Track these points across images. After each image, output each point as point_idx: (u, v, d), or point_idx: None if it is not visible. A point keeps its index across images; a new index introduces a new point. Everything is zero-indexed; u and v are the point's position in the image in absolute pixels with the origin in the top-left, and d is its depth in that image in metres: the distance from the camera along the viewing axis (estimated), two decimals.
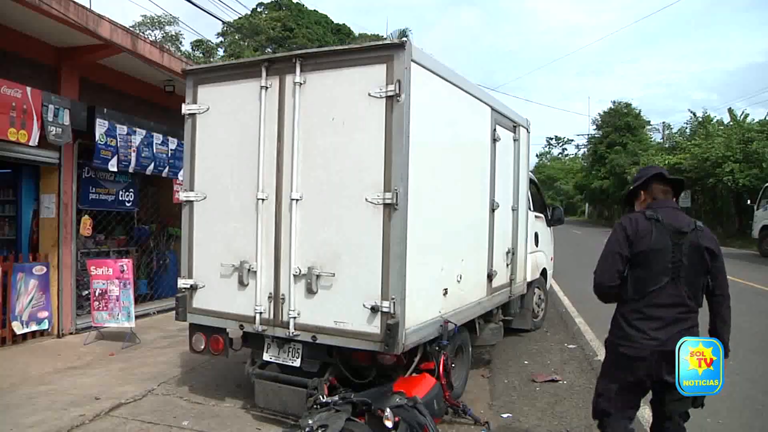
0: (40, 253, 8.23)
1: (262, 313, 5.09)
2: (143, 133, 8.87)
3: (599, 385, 3.78)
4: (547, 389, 6.39)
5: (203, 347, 5.56)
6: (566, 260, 6.46)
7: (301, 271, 4.89)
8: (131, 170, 8.82)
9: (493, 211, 6.53)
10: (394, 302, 4.52)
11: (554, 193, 68.94)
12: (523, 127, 7.70)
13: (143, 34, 23.90)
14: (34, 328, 7.87)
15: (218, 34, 47.33)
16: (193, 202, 5.51)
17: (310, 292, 4.87)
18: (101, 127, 8.12)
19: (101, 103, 8.39)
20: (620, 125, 49.98)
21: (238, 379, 6.26)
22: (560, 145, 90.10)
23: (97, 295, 7.97)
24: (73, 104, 7.76)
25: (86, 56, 8.41)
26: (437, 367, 5.11)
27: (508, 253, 7.18)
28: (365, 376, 5.23)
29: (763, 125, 29.08)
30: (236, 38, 46.17)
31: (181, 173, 7.74)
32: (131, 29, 9.44)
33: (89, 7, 7.77)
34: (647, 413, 5.65)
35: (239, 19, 39.82)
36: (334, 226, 4.82)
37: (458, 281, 5.61)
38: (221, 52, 46.27)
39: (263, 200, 5.09)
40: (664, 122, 49.68)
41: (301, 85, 4.95)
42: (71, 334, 8.30)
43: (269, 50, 43.29)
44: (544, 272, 9.67)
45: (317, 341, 4.86)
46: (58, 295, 8.18)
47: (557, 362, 7.47)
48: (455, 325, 5.29)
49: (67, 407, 5.46)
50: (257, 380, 5.33)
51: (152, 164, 9.07)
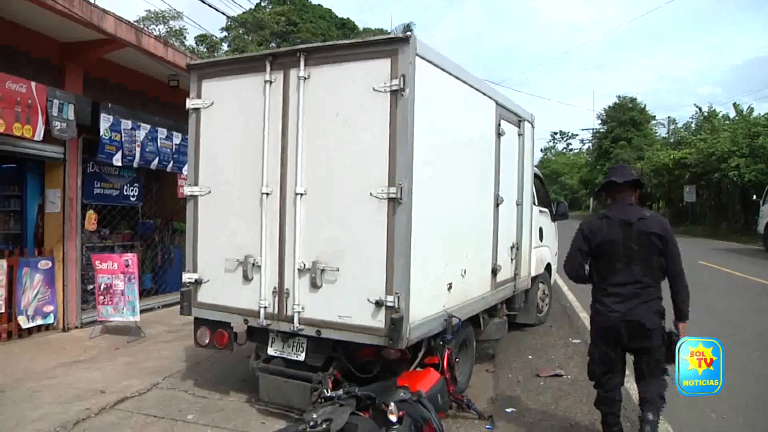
0: (45, 247, 8.27)
1: (266, 307, 5.10)
2: (148, 127, 8.88)
3: (589, 351, 4.74)
4: (551, 384, 6.39)
5: (208, 341, 5.58)
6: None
7: (305, 265, 4.90)
8: (136, 165, 8.83)
9: (497, 205, 6.52)
10: (398, 297, 4.52)
11: (559, 187, 68.78)
12: (527, 121, 7.69)
13: (147, 28, 23.87)
14: (39, 322, 7.91)
15: (222, 28, 47.28)
16: (197, 196, 5.52)
17: (314, 286, 4.87)
18: (106, 122, 8.12)
19: (105, 98, 8.40)
20: (625, 120, 49.94)
21: (242, 373, 6.27)
22: (565, 139, 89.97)
23: (102, 289, 7.99)
24: (77, 99, 7.76)
25: (90, 51, 8.43)
26: (441, 361, 5.11)
27: (512, 247, 7.18)
28: (369, 370, 5.23)
29: None
30: (240, 33, 46.15)
31: (185, 168, 7.75)
32: (135, 24, 9.45)
33: (93, 2, 7.78)
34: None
35: (243, 13, 39.83)
36: (338, 220, 4.82)
37: (462, 276, 5.60)
38: (225, 46, 46.23)
39: (267, 195, 5.10)
40: (669, 117, 49.44)
41: (305, 79, 4.94)
42: (76, 328, 8.34)
43: (273, 45, 43.27)
44: (548, 267, 9.67)
45: (322, 336, 4.88)
46: (63, 289, 8.21)
47: (561, 357, 7.47)
48: (459, 319, 5.29)
49: (72, 401, 5.49)
50: (262, 374, 5.34)
51: (157, 159, 9.08)
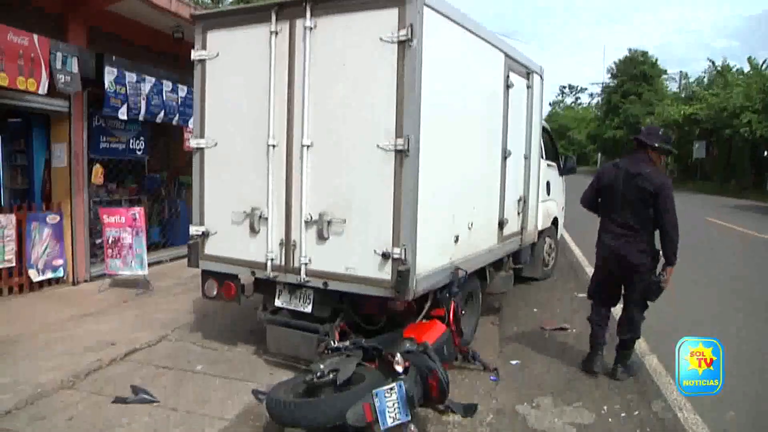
0: (52, 202, 8.28)
1: (273, 259, 5.12)
2: (153, 80, 8.78)
3: (592, 276, 5.73)
4: (555, 337, 6.45)
5: (215, 293, 5.62)
6: (577, 210, 6.37)
7: (312, 217, 4.90)
8: (141, 118, 8.77)
9: (505, 158, 6.47)
10: (405, 249, 4.53)
11: (566, 142, 68.22)
12: (536, 74, 7.57)
13: None
14: (49, 275, 7.98)
15: None
16: (203, 149, 5.49)
17: (321, 238, 4.88)
18: (110, 75, 8.04)
19: (109, 51, 8.28)
20: (636, 74, 49.19)
21: (250, 325, 6.34)
22: (573, 93, 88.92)
23: (110, 243, 8.04)
24: (81, 52, 7.67)
25: (93, 2, 8.29)
26: (447, 313, 5.14)
27: (519, 201, 7.15)
28: (376, 322, 5.28)
29: None
30: None
31: (191, 121, 7.70)
32: None
33: None
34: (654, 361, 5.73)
35: None
36: (345, 172, 4.80)
37: (469, 229, 5.60)
38: None
39: (274, 147, 5.06)
40: (681, 71, 48.80)
41: (311, 29, 4.85)
42: (86, 281, 8.42)
43: None
44: (555, 221, 9.65)
45: (328, 287, 4.91)
46: (71, 243, 8.26)
47: (566, 311, 7.52)
48: (466, 272, 5.30)
49: (83, 352, 5.57)
50: (269, 326, 5.40)
51: (162, 112, 9.02)
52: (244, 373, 5.26)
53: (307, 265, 4.96)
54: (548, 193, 9.10)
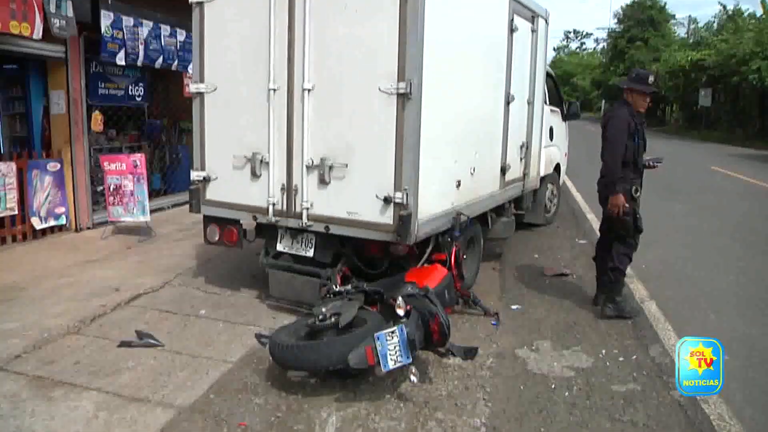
0: (52, 150, 8.22)
1: (275, 204, 5.11)
2: (150, 24, 8.61)
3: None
4: (556, 283, 6.49)
5: (217, 238, 5.63)
6: (580, 157, 6.37)
7: (313, 161, 4.87)
8: (140, 64, 8.64)
9: (508, 103, 6.39)
10: (406, 193, 4.51)
11: (570, 89, 67.40)
12: (541, 17, 7.40)
13: None
14: (52, 223, 8.00)
15: None
16: (203, 93, 5.41)
17: (322, 182, 4.86)
18: (106, 18, 7.88)
19: None
20: (643, 19, 48.17)
21: (252, 269, 6.38)
22: (579, 39, 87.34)
23: (111, 190, 8.02)
24: None
25: None
26: (449, 258, 5.16)
27: (522, 146, 7.09)
28: (377, 266, 5.31)
29: None
30: None
31: (191, 66, 7.59)
32: None
33: None
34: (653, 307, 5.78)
35: None
36: (346, 116, 4.75)
37: (471, 174, 5.57)
38: None
39: (275, 91, 4.99)
40: (690, 16, 47.79)
41: None
42: (88, 229, 8.43)
43: None
44: (557, 168, 9.59)
45: (330, 232, 4.91)
46: (73, 190, 8.24)
47: (567, 257, 7.54)
48: (467, 217, 5.30)
49: (88, 298, 5.62)
50: (271, 271, 5.42)
51: (161, 57, 8.88)
52: (246, 317, 5.31)
53: (308, 209, 4.96)
54: (551, 138, 9.02)
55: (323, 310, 4.18)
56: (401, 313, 3.93)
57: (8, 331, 4.80)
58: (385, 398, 3.90)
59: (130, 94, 9.29)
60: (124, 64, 8.35)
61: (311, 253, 5.21)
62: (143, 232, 8.09)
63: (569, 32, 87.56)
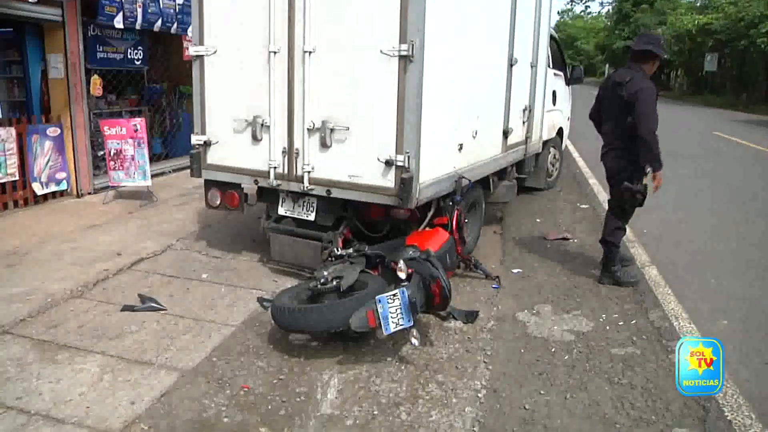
0: (52, 114, 8.16)
1: (276, 167, 5.09)
2: None
3: None
4: (557, 247, 6.50)
5: (219, 203, 5.62)
6: (583, 121, 6.28)
7: (314, 125, 4.83)
8: (138, 27, 8.53)
9: (511, 66, 6.31)
10: (408, 156, 4.49)
11: (574, 53, 66.66)
12: None
13: None
14: (53, 188, 7.98)
15: None
16: (203, 56, 5.33)
17: (324, 146, 4.83)
18: None
19: None
20: None
21: (254, 233, 6.39)
22: (583, 2, 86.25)
23: (112, 155, 7.99)
24: None
25: None
26: (450, 222, 5.15)
27: (524, 110, 7.03)
28: (379, 229, 5.32)
29: None
30: None
31: (190, 29, 7.48)
32: None
33: None
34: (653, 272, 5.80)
35: None
36: (348, 79, 4.69)
37: (473, 137, 5.53)
38: None
39: (275, 53, 4.92)
40: None
41: None
42: (90, 194, 8.41)
43: None
44: (560, 132, 9.53)
45: (332, 195, 4.90)
46: (73, 155, 8.19)
47: (569, 221, 7.55)
48: (469, 181, 5.28)
49: (91, 263, 5.63)
50: (272, 234, 5.43)
51: (160, 20, 8.75)
52: (249, 281, 5.33)
53: (310, 173, 4.94)
54: (554, 103, 8.94)
55: (325, 273, 4.20)
56: (403, 276, 3.94)
57: (12, 295, 4.83)
58: (386, 361, 3.93)
59: (129, 57, 9.18)
60: (122, 27, 8.23)
61: (313, 216, 5.20)
62: (144, 196, 8.08)
63: None
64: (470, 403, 3.49)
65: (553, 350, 4.15)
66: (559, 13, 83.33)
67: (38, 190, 7.76)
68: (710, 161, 12.46)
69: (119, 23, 8.11)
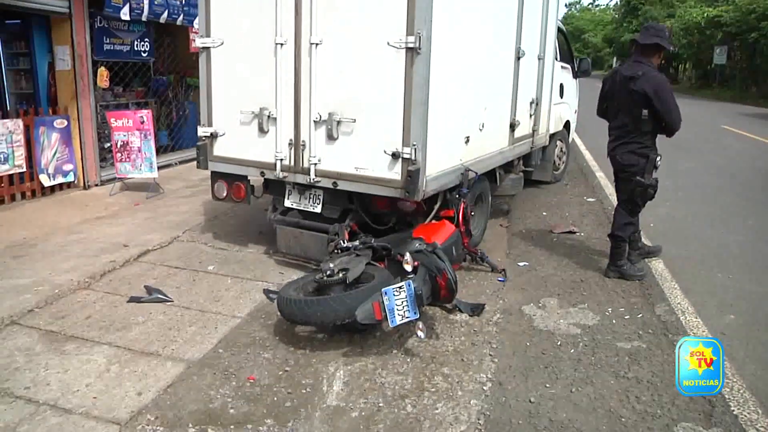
0: (59, 106, 8.18)
1: (282, 159, 5.09)
2: None
3: None
4: (564, 240, 6.48)
5: (225, 195, 5.64)
6: (590, 115, 6.27)
7: (321, 117, 4.83)
8: (144, 18, 8.54)
9: (518, 59, 6.29)
10: (415, 149, 4.48)
11: (581, 45, 66.30)
12: None
13: None
14: (60, 180, 8.00)
15: None
16: (209, 48, 5.33)
17: (330, 138, 4.83)
18: None
19: None
20: None
21: (260, 225, 6.41)
22: None
23: (118, 146, 8.01)
24: None
25: None
26: (457, 214, 5.15)
27: (531, 103, 7.01)
28: (385, 222, 5.32)
29: None
30: None
31: (196, 21, 7.48)
32: None
33: None
34: (660, 266, 5.78)
35: None
36: (354, 71, 4.68)
37: (480, 130, 5.52)
38: None
39: (282, 45, 4.92)
40: None
41: None
42: (96, 185, 8.44)
43: None
44: (567, 125, 9.50)
45: (338, 187, 4.91)
46: (80, 147, 8.22)
47: (575, 215, 7.52)
48: (476, 173, 5.28)
49: (98, 254, 5.66)
50: (279, 226, 5.44)
51: (166, 12, 8.76)
52: (255, 272, 5.34)
53: (316, 165, 4.94)
54: (561, 95, 8.91)
55: (331, 265, 4.20)
56: (409, 268, 3.94)
57: (20, 286, 4.85)
58: (392, 353, 3.94)
59: (135, 49, 9.18)
60: (128, 18, 8.25)
61: (319, 208, 5.21)
62: (151, 188, 8.10)
63: None
64: (476, 395, 3.49)
65: (558, 343, 4.14)
66: (566, 5, 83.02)
67: (45, 181, 7.79)
68: (718, 155, 12.39)
69: (126, 15, 8.12)
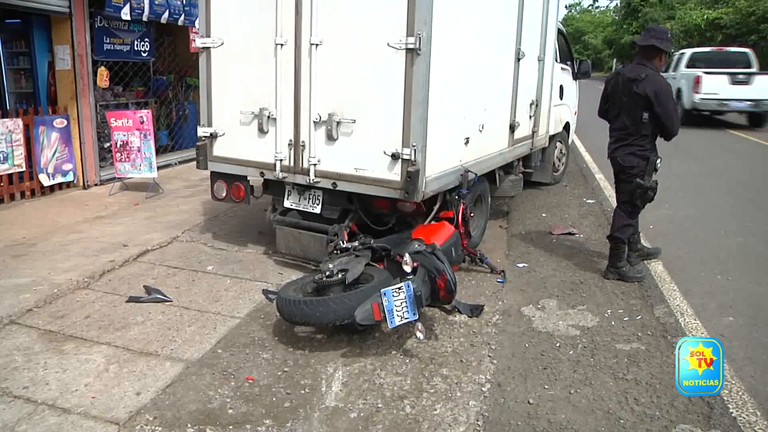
0: (59, 105, 8.18)
1: (282, 160, 5.10)
2: None
3: None
4: (563, 242, 6.48)
5: (225, 195, 5.64)
6: (590, 116, 6.30)
7: (321, 117, 4.83)
8: (145, 18, 8.55)
9: (518, 60, 6.29)
10: (415, 150, 4.48)
11: (581, 47, 66.28)
12: None
13: None
14: (60, 180, 8.01)
15: None
16: (210, 48, 5.34)
17: (330, 138, 4.83)
18: None
19: None
20: None
21: (259, 226, 6.41)
22: None
23: (118, 146, 8.01)
24: None
25: None
26: (456, 215, 5.16)
27: (531, 104, 7.01)
28: (385, 223, 5.32)
29: None
30: None
31: (197, 21, 7.49)
32: None
33: None
34: (659, 268, 5.78)
35: None
36: (354, 71, 4.69)
37: (480, 131, 5.52)
38: None
39: (282, 45, 4.92)
40: None
41: None
42: (96, 185, 8.45)
43: None
44: (567, 126, 9.49)
45: (337, 188, 4.91)
46: (80, 147, 8.23)
47: (575, 216, 7.52)
48: (475, 174, 5.27)
49: (97, 253, 5.66)
50: (278, 227, 5.44)
51: (167, 12, 8.77)
52: (254, 273, 5.34)
53: (316, 165, 4.94)
54: (561, 97, 8.91)
55: (330, 266, 4.20)
56: (408, 269, 3.94)
57: (19, 285, 4.85)
58: (390, 354, 3.93)
59: (135, 49, 9.18)
60: (129, 18, 8.26)
61: (318, 209, 5.21)
62: (151, 188, 8.10)
63: None
64: (474, 396, 3.49)
65: (557, 345, 4.14)
66: (567, 7, 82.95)
67: (45, 181, 7.80)
68: (718, 157, 12.38)
69: (126, 15, 8.13)
